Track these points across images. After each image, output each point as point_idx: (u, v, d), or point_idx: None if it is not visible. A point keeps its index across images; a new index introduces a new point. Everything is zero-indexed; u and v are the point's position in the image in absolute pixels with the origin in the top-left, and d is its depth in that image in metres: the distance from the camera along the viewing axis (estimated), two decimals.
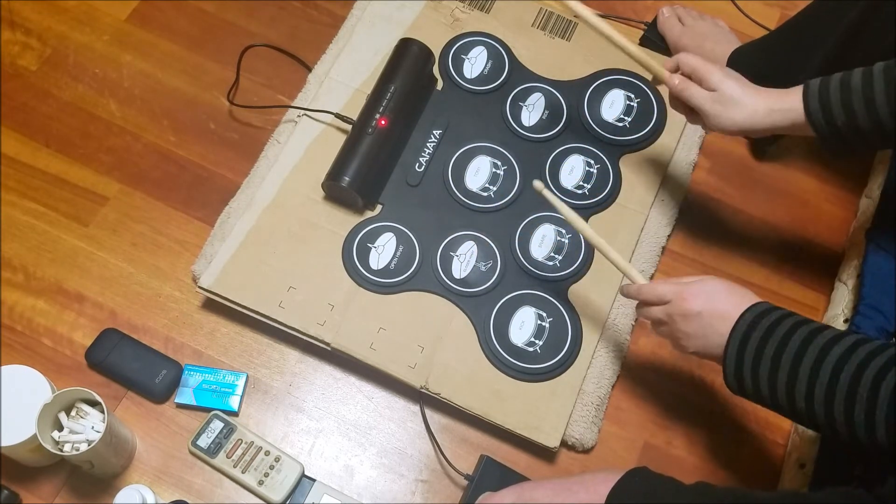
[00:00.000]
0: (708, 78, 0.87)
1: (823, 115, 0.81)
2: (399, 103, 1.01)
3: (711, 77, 0.86)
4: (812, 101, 0.81)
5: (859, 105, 0.79)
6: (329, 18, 1.16)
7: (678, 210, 1.06)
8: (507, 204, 1.02)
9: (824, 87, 0.81)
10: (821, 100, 0.81)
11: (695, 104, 0.88)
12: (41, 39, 1.12)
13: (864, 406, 0.66)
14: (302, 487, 0.88)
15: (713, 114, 0.86)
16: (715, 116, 0.86)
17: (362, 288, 0.95)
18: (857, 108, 0.79)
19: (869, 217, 1.02)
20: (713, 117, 0.86)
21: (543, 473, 0.91)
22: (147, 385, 0.91)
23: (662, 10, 1.15)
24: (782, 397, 0.71)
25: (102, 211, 1.02)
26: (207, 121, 1.09)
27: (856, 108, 0.79)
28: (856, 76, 0.80)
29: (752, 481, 0.92)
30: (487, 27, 1.13)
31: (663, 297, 0.82)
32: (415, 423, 0.93)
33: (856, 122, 0.80)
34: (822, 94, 0.81)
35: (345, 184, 0.95)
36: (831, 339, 0.70)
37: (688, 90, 0.88)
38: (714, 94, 0.86)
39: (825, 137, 0.82)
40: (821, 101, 0.81)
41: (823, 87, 0.81)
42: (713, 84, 0.86)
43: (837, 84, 0.80)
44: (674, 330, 0.81)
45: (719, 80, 0.86)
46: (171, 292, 0.98)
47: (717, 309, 0.77)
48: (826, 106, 0.80)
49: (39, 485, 0.87)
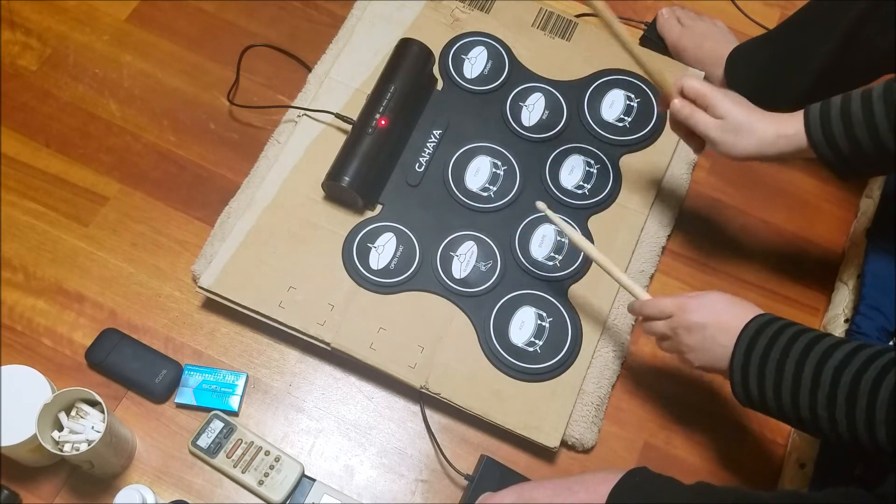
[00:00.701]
0: (715, 105, 0.85)
1: (829, 146, 0.81)
2: (399, 103, 1.01)
3: (719, 105, 0.85)
4: (815, 133, 0.81)
5: (862, 134, 0.79)
6: (329, 18, 1.16)
7: (678, 210, 1.06)
8: (507, 204, 1.02)
9: (825, 118, 0.81)
10: (824, 133, 0.81)
11: (701, 132, 0.87)
12: (41, 39, 1.12)
13: (864, 408, 0.66)
14: (302, 487, 0.88)
15: (722, 142, 0.85)
16: (723, 144, 0.85)
17: (362, 288, 0.95)
18: (860, 137, 0.79)
19: (869, 217, 1.02)
20: (722, 145, 0.86)
21: (543, 473, 0.91)
22: (147, 385, 0.91)
23: (662, 11, 1.15)
24: (787, 405, 0.72)
25: (102, 211, 1.02)
26: (207, 121, 1.09)
27: (859, 137, 0.79)
28: (855, 103, 0.79)
29: (752, 481, 0.92)
30: (487, 27, 1.13)
31: (665, 311, 0.82)
32: (415, 423, 0.93)
33: (861, 150, 0.80)
34: (824, 126, 0.81)
35: (345, 184, 0.95)
36: (832, 345, 0.70)
37: (694, 117, 0.87)
38: (722, 122, 0.85)
39: (833, 166, 0.82)
40: (825, 134, 0.81)
41: (825, 116, 0.81)
42: (721, 112, 0.85)
43: (838, 113, 0.80)
44: (678, 344, 0.82)
45: (727, 109, 0.85)
46: (171, 292, 0.98)
47: (720, 321, 0.78)
48: (830, 138, 0.80)
49: (39, 485, 0.87)
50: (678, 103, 0.88)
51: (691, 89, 0.87)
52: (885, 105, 0.78)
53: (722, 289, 1.01)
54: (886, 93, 0.78)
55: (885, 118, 0.78)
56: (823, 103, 0.82)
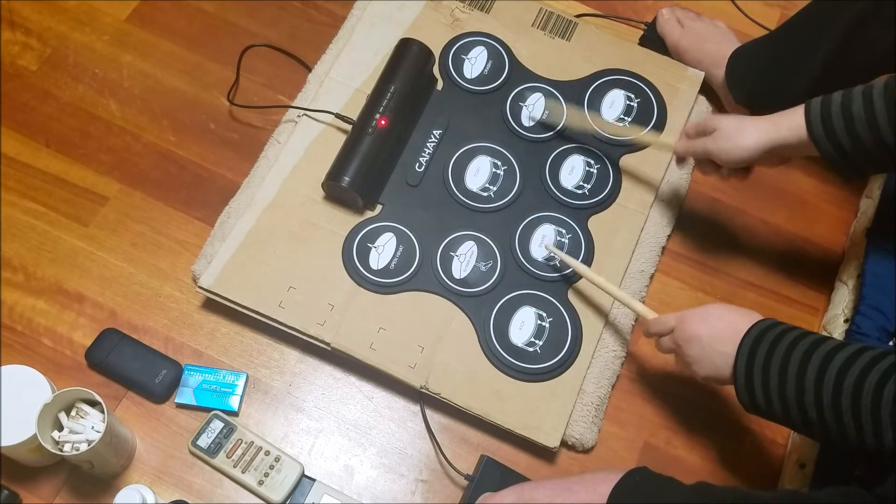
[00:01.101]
0: (706, 124, 0.90)
1: (830, 141, 0.81)
2: (399, 103, 1.01)
3: (710, 122, 0.89)
4: (816, 129, 0.81)
5: (863, 130, 0.79)
6: (329, 18, 1.16)
7: (678, 210, 1.06)
8: (507, 204, 1.02)
9: (826, 113, 0.81)
10: (825, 128, 0.81)
11: (702, 151, 0.90)
12: (41, 39, 1.12)
13: (869, 412, 0.66)
14: (302, 487, 0.88)
15: (721, 149, 0.87)
16: (723, 151, 0.87)
17: (362, 288, 0.95)
18: (861, 134, 0.79)
19: (869, 217, 1.02)
20: (722, 152, 0.87)
21: (543, 473, 0.91)
22: (147, 385, 0.91)
23: (662, 12, 1.15)
24: (793, 409, 0.72)
25: (102, 211, 1.02)
26: (207, 121, 1.09)
27: (861, 134, 0.79)
28: (856, 100, 0.80)
29: (752, 481, 0.92)
30: (487, 27, 1.13)
31: (668, 326, 0.83)
32: (415, 423, 0.93)
33: (863, 146, 0.80)
34: (825, 122, 0.81)
35: (345, 184, 0.95)
36: (834, 347, 0.70)
37: (692, 144, 0.91)
38: (715, 133, 0.88)
39: (835, 162, 0.83)
40: (825, 130, 0.81)
41: (825, 112, 0.81)
42: (713, 126, 0.88)
43: (839, 109, 0.80)
44: (682, 356, 0.82)
45: (717, 121, 0.88)
46: (171, 292, 0.98)
47: (718, 330, 0.78)
48: (832, 134, 0.81)
49: (39, 485, 0.87)
50: (678, 145, 0.94)
51: (690, 127, 0.93)
52: (885, 101, 0.78)
53: (722, 289, 1.02)
54: (887, 89, 0.78)
55: (885, 114, 0.78)
56: (824, 98, 0.82)
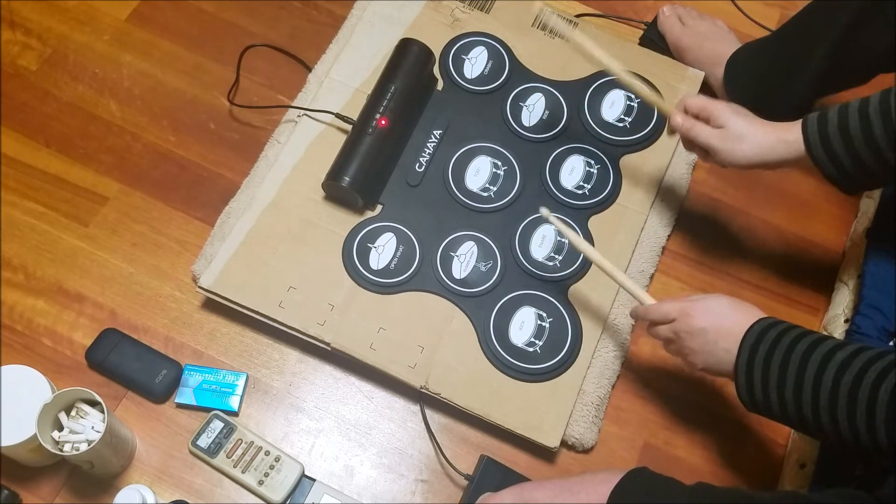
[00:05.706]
0: (716, 116, 0.87)
1: (832, 163, 0.81)
2: (399, 103, 1.01)
3: (719, 115, 0.87)
4: (816, 150, 0.82)
5: (863, 149, 0.79)
6: (329, 18, 1.16)
7: (678, 210, 1.06)
8: (508, 204, 1.02)
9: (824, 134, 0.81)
10: (825, 150, 0.81)
11: (703, 142, 0.88)
12: (41, 39, 1.12)
13: (864, 410, 0.66)
14: (302, 487, 0.88)
15: (723, 150, 0.87)
16: (724, 152, 0.87)
17: (362, 288, 0.95)
18: (862, 154, 0.80)
19: (869, 217, 1.02)
20: (723, 153, 0.87)
21: (543, 473, 0.91)
22: (147, 385, 0.91)
23: (663, 10, 1.15)
24: (791, 407, 0.72)
25: (102, 211, 1.02)
26: (207, 121, 1.09)
27: (861, 155, 0.80)
28: (853, 118, 0.80)
29: (752, 481, 0.92)
30: (487, 27, 1.12)
31: (668, 316, 0.83)
32: (415, 423, 0.93)
33: (864, 166, 0.80)
34: (824, 144, 0.81)
35: (345, 184, 0.95)
36: (834, 346, 0.71)
37: (694, 129, 0.89)
38: (722, 131, 0.87)
39: (838, 183, 0.83)
40: (826, 152, 0.81)
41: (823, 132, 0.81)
42: (721, 122, 0.87)
43: (836, 130, 0.80)
44: (681, 347, 0.82)
45: (727, 118, 0.87)
46: (171, 292, 0.98)
47: (723, 325, 0.78)
48: (833, 156, 0.81)
49: (39, 485, 0.87)
50: (678, 119, 0.90)
51: (693, 105, 0.90)
52: (882, 118, 0.78)
53: (722, 289, 1.02)
54: (883, 104, 0.78)
55: (882, 131, 0.78)
56: (820, 116, 0.82)
